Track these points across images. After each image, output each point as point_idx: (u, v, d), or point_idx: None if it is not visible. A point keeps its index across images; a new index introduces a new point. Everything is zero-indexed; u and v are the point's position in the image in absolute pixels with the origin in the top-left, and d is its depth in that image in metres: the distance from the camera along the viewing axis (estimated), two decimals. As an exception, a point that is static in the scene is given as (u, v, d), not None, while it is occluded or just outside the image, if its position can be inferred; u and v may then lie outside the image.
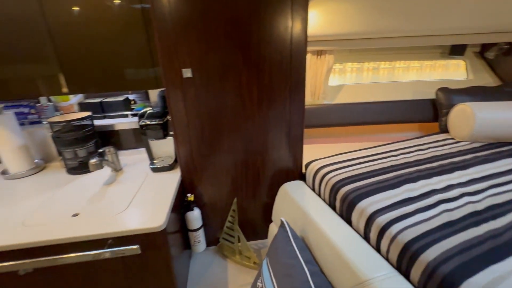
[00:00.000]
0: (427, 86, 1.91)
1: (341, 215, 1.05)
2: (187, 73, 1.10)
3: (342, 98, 1.89)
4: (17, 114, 1.40)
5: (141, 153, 1.54)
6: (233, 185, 1.35)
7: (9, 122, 1.28)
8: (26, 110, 1.45)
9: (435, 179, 1.08)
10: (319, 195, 1.22)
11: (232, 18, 1.04)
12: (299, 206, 1.09)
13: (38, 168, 1.40)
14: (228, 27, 1.05)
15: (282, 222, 0.96)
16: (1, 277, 0.90)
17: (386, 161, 1.28)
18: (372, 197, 0.99)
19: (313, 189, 1.27)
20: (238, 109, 1.20)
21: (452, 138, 1.57)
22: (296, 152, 1.34)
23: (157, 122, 1.24)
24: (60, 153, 1.49)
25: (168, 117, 1.28)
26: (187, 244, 1.38)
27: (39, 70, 1.11)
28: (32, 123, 1.47)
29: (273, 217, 1.31)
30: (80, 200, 1.11)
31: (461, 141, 1.51)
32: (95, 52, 1.10)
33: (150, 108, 1.33)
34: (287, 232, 0.93)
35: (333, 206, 1.12)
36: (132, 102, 1.66)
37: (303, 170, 1.39)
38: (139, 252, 0.92)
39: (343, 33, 1.56)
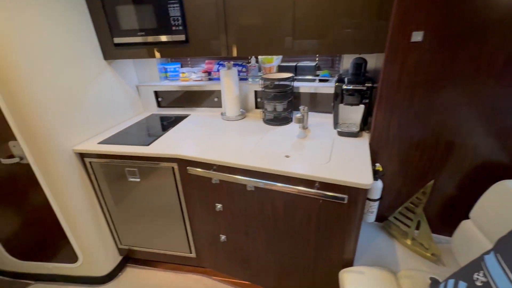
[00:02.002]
0: None
1: None
2: (417, 36, 1.02)
3: None
4: (235, 71, 1.79)
5: (317, 116, 1.66)
6: (426, 167, 1.23)
7: (233, 76, 1.65)
8: (240, 68, 1.82)
9: None
10: None
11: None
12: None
13: (242, 116, 1.77)
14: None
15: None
16: (237, 187, 1.24)
17: None
18: None
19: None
20: (467, 82, 1.03)
21: None
22: (533, 146, 1.05)
23: (360, 87, 1.26)
24: (257, 106, 1.82)
25: (367, 85, 1.28)
26: (358, 211, 1.42)
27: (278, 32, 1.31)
28: (241, 79, 1.84)
29: (473, 214, 1.12)
30: (284, 146, 1.33)
31: None
32: (327, 20, 1.20)
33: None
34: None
35: None
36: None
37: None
38: (345, 202, 1.01)
39: None
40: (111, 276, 1.71)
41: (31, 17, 1.16)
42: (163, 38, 1.44)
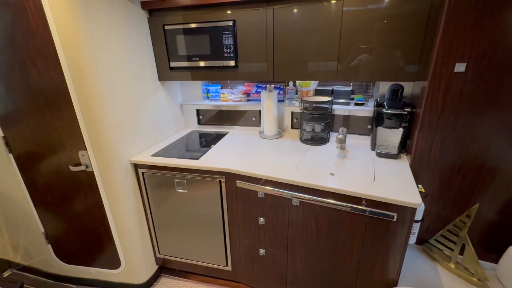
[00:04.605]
0: None
1: None
2: (460, 67, 1.10)
3: None
4: (273, 93, 1.91)
5: (352, 138, 1.73)
6: (468, 190, 1.26)
7: (274, 98, 1.77)
8: (277, 91, 1.95)
9: None
10: None
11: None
12: None
13: (279, 135, 1.87)
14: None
15: None
16: (282, 202, 1.31)
17: None
18: None
19: None
20: None
21: None
22: None
23: (400, 112, 1.34)
24: (292, 126, 1.92)
25: (407, 110, 1.36)
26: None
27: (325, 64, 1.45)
28: (278, 101, 1.97)
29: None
30: (326, 164, 1.40)
31: None
32: (373, 52, 1.31)
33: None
34: None
35: None
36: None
37: None
38: (394, 220, 1.06)
39: None
40: (148, 285, 1.77)
41: (114, 53, 1.37)
42: (215, 63, 1.60)
